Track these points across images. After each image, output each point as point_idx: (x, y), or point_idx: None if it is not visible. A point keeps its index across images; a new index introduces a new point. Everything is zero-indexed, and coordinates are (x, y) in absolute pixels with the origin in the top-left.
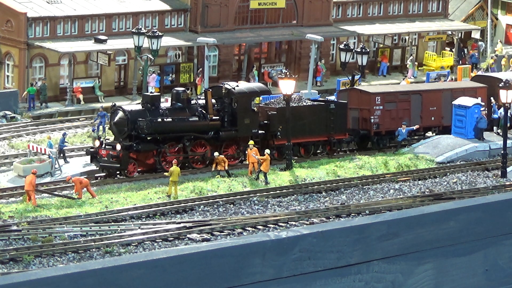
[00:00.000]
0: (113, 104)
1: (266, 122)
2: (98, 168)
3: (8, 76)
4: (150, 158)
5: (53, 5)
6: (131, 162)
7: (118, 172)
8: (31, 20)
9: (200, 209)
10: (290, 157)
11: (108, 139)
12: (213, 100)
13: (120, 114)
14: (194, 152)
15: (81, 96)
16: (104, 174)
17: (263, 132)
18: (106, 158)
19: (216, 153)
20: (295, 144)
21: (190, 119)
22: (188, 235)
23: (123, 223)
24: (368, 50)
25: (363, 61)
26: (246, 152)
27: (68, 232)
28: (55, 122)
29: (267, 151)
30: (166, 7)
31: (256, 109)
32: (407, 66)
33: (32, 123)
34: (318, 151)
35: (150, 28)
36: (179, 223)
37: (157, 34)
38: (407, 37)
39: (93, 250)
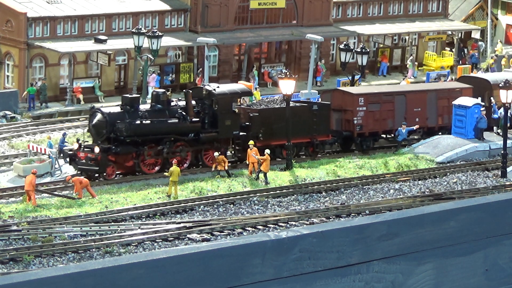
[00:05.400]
0: (92, 106)
1: (247, 123)
2: (76, 170)
3: (8, 76)
4: (129, 160)
5: (53, 5)
6: (109, 165)
7: (97, 175)
8: (31, 20)
9: (200, 209)
10: (290, 157)
11: (87, 141)
12: (194, 102)
13: (99, 116)
14: (173, 155)
15: (81, 96)
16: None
17: (244, 134)
18: (84, 161)
19: (216, 153)
20: (277, 146)
21: (170, 121)
22: (188, 235)
23: (123, 223)
24: (368, 50)
25: (363, 61)
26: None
27: (68, 232)
28: (55, 122)
29: (267, 151)
30: (166, 7)
31: (237, 111)
32: (407, 66)
33: (32, 123)
34: (301, 152)
35: (150, 28)
36: (179, 223)
37: (157, 34)
38: (407, 37)
39: (93, 250)
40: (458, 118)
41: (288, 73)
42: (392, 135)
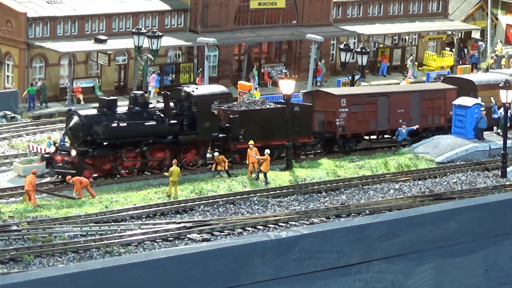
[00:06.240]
0: (69, 108)
1: (228, 125)
2: (53, 174)
3: (8, 76)
4: (106, 163)
5: (53, 5)
6: (86, 168)
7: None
8: (31, 20)
9: (200, 209)
10: (291, 157)
11: (65, 144)
12: (172, 104)
13: (75, 119)
14: (152, 158)
15: (81, 96)
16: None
17: (224, 135)
18: (61, 164)
19: (216, 153)
20: (258, 148)
21: (148, 123)
22: (188, 235)
23: (123, 223)
24: (368, 50)
25: (363, 61)
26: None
27: (68, 232)
28: (55, 122)
29: (267, 151)
30: (166, 7)
31: (216, 112)
32: (407, 66)
33: (32, 123)
34: (282, 154)
35: (150, 28)
36: (179, 223)
37: (157, 34)
38: (407, 37)
39: (93, 250)
40: (458, 118)
41: (288, 73)
42: (376, 136)
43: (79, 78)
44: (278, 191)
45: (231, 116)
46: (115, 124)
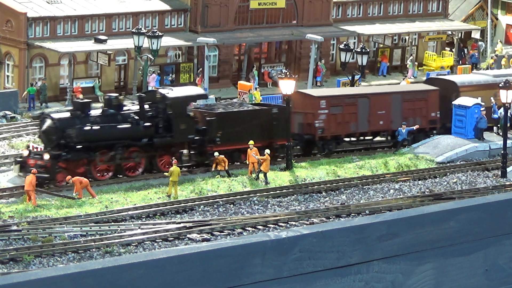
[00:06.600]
0: (42, 112)
1: (204, 127)
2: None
3: (8, 76)
4: (80, 167)
5: (53, 5)
6: (60, 172)
7: (47, 181)
8: (31, 20)
9: (200, 209)
10: (291, 157)
11: (37, 147)
12: (147, 106)
13: (48, 122)
14: (126, 160)
15: (81, 96)
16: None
17: (200, 137)
18: (33, 168)
19: (216, 153)
20: (235, 150)
21: (122, 126)
22: (188, 235)
23: (123, 223)
24: (368, 50)
25: (363, 61)
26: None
27: (68, 232)
28: None
29: (267, 151)
30: (166, 7)
31: (192, 114)
32: (407, 66)
33: (32, 123)
34: None
35: (150, 28)
36: (179, 223)
37: (157, 34)
38: (407, 37)
39: (93, 250)
40: (458, 118)
41: (288, 73)
42: (356, 138)
43: (79, 78)
44: (278, 191)
45: (208, 119)
46: (88, 127)
